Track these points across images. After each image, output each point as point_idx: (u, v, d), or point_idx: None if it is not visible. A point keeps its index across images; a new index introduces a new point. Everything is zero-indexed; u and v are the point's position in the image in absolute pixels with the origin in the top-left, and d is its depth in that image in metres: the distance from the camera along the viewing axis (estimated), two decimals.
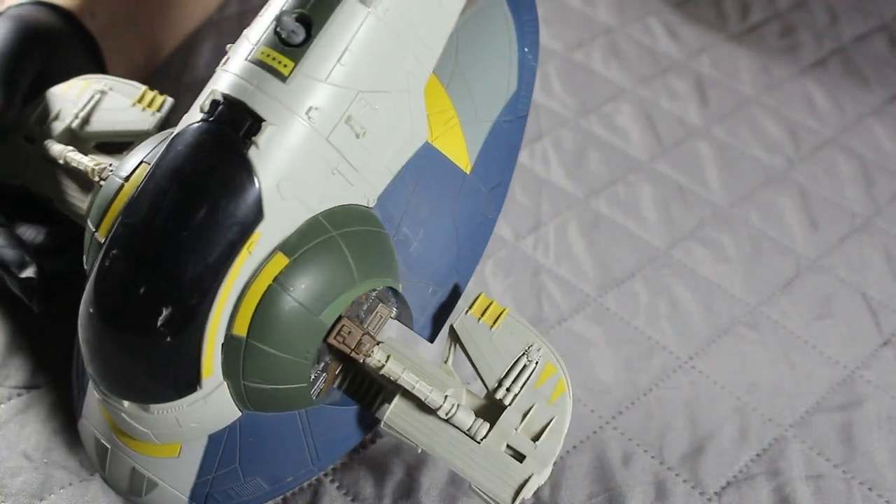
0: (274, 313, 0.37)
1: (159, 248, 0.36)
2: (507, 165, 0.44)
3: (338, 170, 0.38)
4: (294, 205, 0.37)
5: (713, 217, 0.61)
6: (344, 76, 0.37)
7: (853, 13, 0.80)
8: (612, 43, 0.76)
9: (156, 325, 0.36)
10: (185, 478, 0.40)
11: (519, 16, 0.46)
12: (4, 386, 0.49)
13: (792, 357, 0.52)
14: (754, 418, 0.49)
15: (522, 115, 0.45)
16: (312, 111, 0.37)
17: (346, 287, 0.38)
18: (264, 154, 0.36)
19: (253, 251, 0.37)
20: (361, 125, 0.38)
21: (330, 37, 0.37)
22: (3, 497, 0.44)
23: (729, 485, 0.46)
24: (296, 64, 0.37)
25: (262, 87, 0.37)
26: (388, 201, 0.40)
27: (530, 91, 0.45)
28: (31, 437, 0.46)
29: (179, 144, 0.37)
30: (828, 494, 0.46)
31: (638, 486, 0.46)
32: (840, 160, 0.65)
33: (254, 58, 0.37)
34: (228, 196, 0.36)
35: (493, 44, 0.45)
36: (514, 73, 0.45)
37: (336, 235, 0.38)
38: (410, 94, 0.40)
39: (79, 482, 0.45)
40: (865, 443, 0.48)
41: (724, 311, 0.55)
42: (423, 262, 0.42)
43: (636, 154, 0.65)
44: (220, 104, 0.37)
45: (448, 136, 0.42)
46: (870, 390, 0.51)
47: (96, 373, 0.39)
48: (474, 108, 0.43)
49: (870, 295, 0.56)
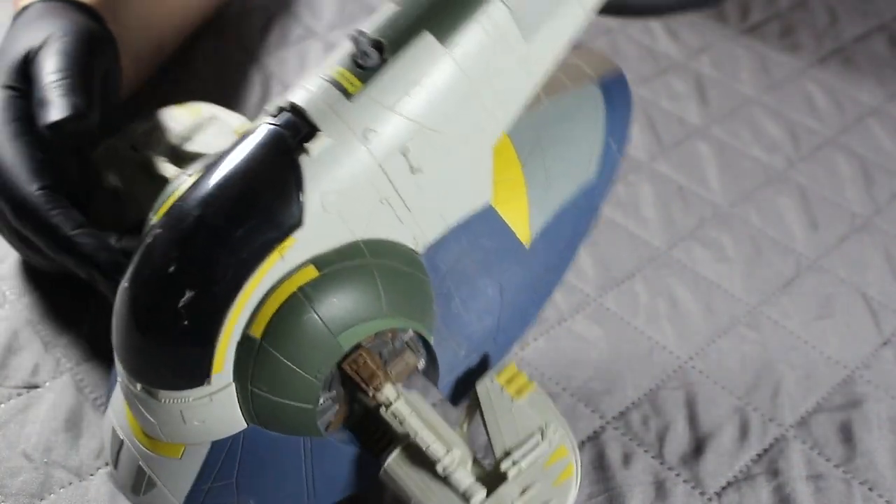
0: (292, 321, 0.37)
1: (196, 232, 0.36)
2: (566, 252, 0.43)
3: (388, 200, 0.38)
4: (335, 221, 0.37)
5: (713, 217, 0.61)
6: (408, 107, 0.37)
7: (853, 13, 0.80)
8: (612, 43, 0.76)
9: (177, 304, 0.36)
10: (182, 482, 0.40)
11: (612, 107, 0.45)
12: (4, 386, 0.48)
13: (792, 357, 0.52)
14: (754, 418, 0.49)
15: (595, 206, 0.44)
16: (370, 133, 0.37)
17: (372, 316, 0.38)
18: (315, 163, 0.36)
19: (285, 255, 0.37)
20: (419, 162, 0.38)
21: (401, 66, 0.37)
22: (3, 497, 0.44)
23: (729, 485, 0.46)
24: (363, 85, 0.37)
25: (327, 101, 0.37)
26: (438, 253, 0.40)
27: (608, 184, 0.44)
28: (31, 437, 0.46)
29: (240, 142, 0.38)
30: (828, 494, 0.46)
31: (638, 486, 0.46)
32: (840, 160, 0.65)
33: (325, 74, 0.38)
34: (271, 195, 0.36)
35: (579, 128, 0.44)
36: (596, 161, 0.44)
37: (372, 263, 0.38)
38: (476, 147, 0.40)
39: (79, 482, 0.45)
40: (865, 443, 0.48)
41: (724, 311, 0.55)
42: (462, 321, 0.41)
43: (636, 154, 0.65)
44: (285, 110, 0.38)
45: (513, 205, 0.42)
46: (870, 390, 0.51)
47: (117, 347, 0.39)
48: (546, 185, 0.43)
49: (870, 295, 0.56)
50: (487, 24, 0.38)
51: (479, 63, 0.38)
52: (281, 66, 0.72)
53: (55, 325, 0.52)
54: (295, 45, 0.74)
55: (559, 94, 0.44)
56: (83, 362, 0.50)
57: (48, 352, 0.50)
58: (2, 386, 0.49)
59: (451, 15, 0.38)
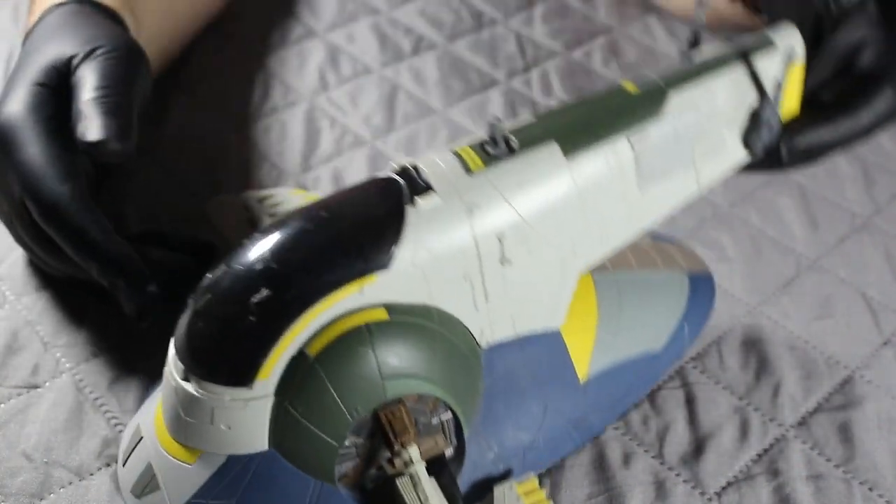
0: (349, 351, 0.37)
1: (294, 239, 0.38)
2: (615, 405, 0.44)
3: (471, 280, 0.39)
4: (418, 278, 0.38)
5: (713, 217, 0.61)
6: (517, 200, 0.39)
7: None
8: (612, 43, 0.76)
9: (249, 298, 0.37)
10: (184, 490, 0.40)
11: (695, 298, 0.47)
12: (4, 386, 0.48)
13: (792, 357, 0.52)
14: (754, 418, 0.49)
15: (654, 376, 0.45)
16: (476, 209, 0.39)
17: (423, 377, 0.38)
18: (419, 216, 0.38)
19: (363, 290, 0.38)
20: (511, 253, 0.39)
21: (523, 162, 0.39)
22: (3, 497, 0.44)
23: (729, 485, 0.46)
24: (485, 167, 0.39)
25: (447, 169, 0.39)
26: (497, 354, 0.41)
27: (671, 361, 0.46)
28: (31, 436, 0.46)
29: (364, 181, 0.40)
30: (828, 494, 0.45)
31: (638, 486, 0.46)
32: (840, 160, 0.65)
33: (454, 150, 0.40)
34: (371, 230, 0.38)
35: (659, 302, 0.46)
36: (666, 336, 0.46)
37: (438, 331, 0.39)
38: (564, 264, 0.41)
39: (79, 482, 0.45)
40: (865, 443, 0.48)
41: (724, 311, 0.54)
42: (500, 427, 0.42)
43: None
44: (408, 167, 0.40)
45: (580, 340, 0.43)
46: (870, 390, 0.51)
47: (177, 329, 0.39)
48: (615, 336, 0.44)
49: (870, 295, 0.56)
50: (611, 157, 0.40)
51: (592, 187, 0.40)
52: (281, 65, 0.72)
53: (55, 325, 0.52)
54: (295, 45, 0.75)
55: (650, 268, 0.47)
56: (83, 362, 0.50)
57: (48, 352, 0.50)
58: (2, 386, 0.49)
59: (581, 135, 0.40)
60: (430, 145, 0.65)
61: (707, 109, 0.42)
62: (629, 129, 0.41)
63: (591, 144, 0.40)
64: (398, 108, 0.69)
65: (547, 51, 0.75)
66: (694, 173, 0.43)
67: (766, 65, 0.43)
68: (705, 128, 0.42)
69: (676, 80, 0.42)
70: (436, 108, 0.69)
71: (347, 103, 0.69)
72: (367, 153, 0.65)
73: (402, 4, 0.79)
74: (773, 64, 0.43)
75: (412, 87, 0.71)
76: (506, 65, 0.73)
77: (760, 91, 0.42)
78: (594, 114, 0.41)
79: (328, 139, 0.66)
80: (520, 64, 0.74)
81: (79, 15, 0.55)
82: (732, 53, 0.43)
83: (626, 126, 0.41)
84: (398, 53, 0.74)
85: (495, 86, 0.71)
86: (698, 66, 0.43)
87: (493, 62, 0.74)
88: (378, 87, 0.71)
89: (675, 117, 0.41)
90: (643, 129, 0.41)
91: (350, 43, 0.75)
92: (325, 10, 0.78)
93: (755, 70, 0.43)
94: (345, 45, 0.74)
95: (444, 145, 0.65)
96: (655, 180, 0.42)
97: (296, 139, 0.66)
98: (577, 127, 0.41)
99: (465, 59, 0.74)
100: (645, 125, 0.41)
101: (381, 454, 0.39)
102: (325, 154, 0.65)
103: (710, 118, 0.42)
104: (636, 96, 0.42)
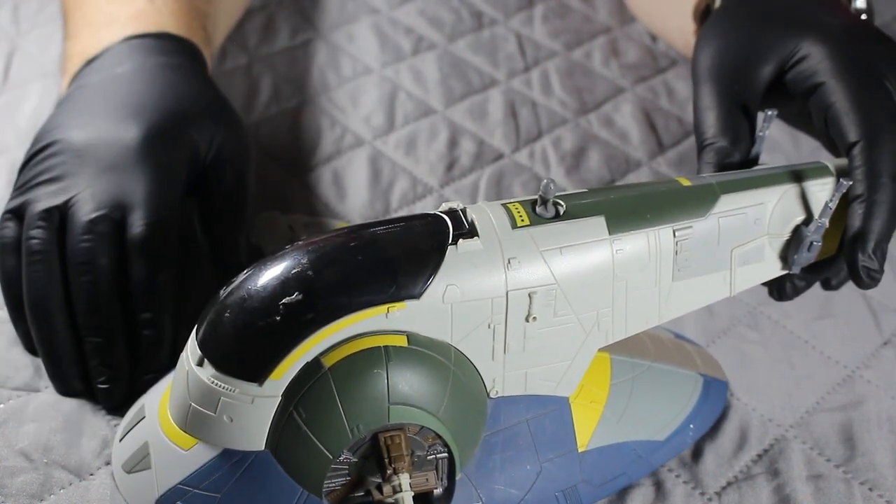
0: (363, 369, 0.38)
1: (333, 251, 0.39)
2: (609, 483, 0.45)
3: (494, 328, 0.40)
4: (444, 315, 0.39)
5: None
6: (554, 262, 0.40)
7: None
8: (612, 43, 0.76)
9: (280, 298, 0.38)
10: (173, 474, 0.40)
11: (705, 399, 0.48)
12: (5, 387, 0.49)
13: (792, 357, 0.52)
14: (754, 418, 0.49)
15: (652, 464, 0.46)
16: (514, 261, 0.40)
17: (428, 409, 0.39)
18: (458, 257, 0.39)
19: (390, 315, 0.39)
20: (537, 311, 0.40)
21: (567, 228, 0.41)
22: (3, 497, 0.44)
23: (729, 485, 0.46)
24: (531, 225, 0.40)
25: (494, 219, 0.40)
26: (503, 407, 0.42)
27: (670, 453, 0.47)
28: (30, 436, 0.46)
29: (416, 214, 0.42)
30: (828, 494, 0.45)
31: (638, 487, 0.46)
32: None
33: (504, 203, 0.41)
34: (411, 260, 0.39)
35: (669, 397, 0.47)
36: (670, 429, 0.46)
37: (453, 371, 0.40)
38: (586, 334, 0.42)
39: (79, 482, 0.45)
40: (865, 443, 0.48)
41: (724, 311, 0.54)
42: (492, 479, 0.42)
43: (636, 154, 0.65)
44: (457, 210, 0.41)
45: (586, 412, 0.44)
46: (870, 390, 0.51)
47: (202, 315, 0.40)
48: (621, 416, 0.45)
49: (870, 295, 0.56)
50: (653, 242, 0.42)
51: (629, 265, 0.41)
52: (281, 65, 0.72)
53: None
54: (295, 45, 0.75)
55: (667, 364, 0.48)
56: None
57: None
58: (2, 387, 0.49)
59: (628, 216, 0.41)
60: (430, 145, 0.65)
61: (753, 218, 0.43)
62: (675, 220, 0.42)
63: (637, 226, 0.41)
64: (398, 108, 0.69)
65: (547, 51, 0.75)
66: (729, 276, 0.44)
67: (817, 189, 0.44)
68: (748, 236, 0.43)
69: (729, 185, 0.43)
70: (436, 109, 0.69)
71: (348, 103, 0.69)
72: (367, 153, 0.65)
73: (402, 4, 0.79)
74: (825, 190, 0.44)
75: (412, 87, 0.71)
76: (506, 65, 0.73)
77: (808, 212, 0.44)
78: (645, 199, 0.42)
79: (328, 139, 0.66)
80: (520, 64, 0.74)
81: (166, 69, 0.56)
82: (789, 171, 0.44)
83: (673, 217, 0.42)
84: (398, 53, 0.74)
85: (495, 86, 0.71)
86: (753, 176, 0.44)
87: (493, 62, 0.74)
88: (378, 88, 0.71)
89: (722, 219, 0.43)
90: (689, 223, 0.42)
91: (350, 43, 0.75)
92: (325, 9, 0.78)
93: (806, 191, 0.44)
94: (345, 45, 0.74)
95: (445, 145, 0.65)
96: (690, 275, 0.43)
97: (298, 139, 0.66)
98: (627, 207, 0.42)
99: (465, 59, 0.74)
100: (691, 220, 0.42)
101: (371, 477, 0.40)
102: (326, 154, 0.65)
103: (755, 228, 0.43)
104: (688, 191, 0.43)
